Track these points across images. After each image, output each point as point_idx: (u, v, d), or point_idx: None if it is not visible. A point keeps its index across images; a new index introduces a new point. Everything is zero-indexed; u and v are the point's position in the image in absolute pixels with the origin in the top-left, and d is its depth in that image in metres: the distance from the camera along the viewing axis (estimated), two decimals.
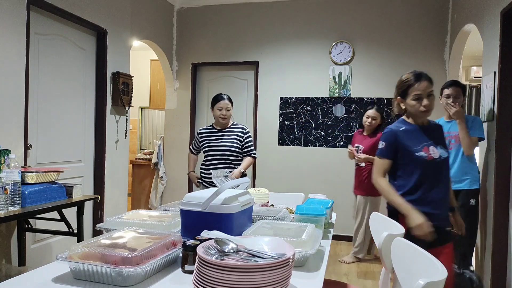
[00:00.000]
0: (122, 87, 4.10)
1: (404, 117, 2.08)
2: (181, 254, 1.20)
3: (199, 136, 3.27)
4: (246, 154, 3.21)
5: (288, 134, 5.02)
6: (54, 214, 2.78)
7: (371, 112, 3.85)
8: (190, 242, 1.18)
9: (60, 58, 3.45)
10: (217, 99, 3.17)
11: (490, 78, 3.02)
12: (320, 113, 4.91)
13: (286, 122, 5.03)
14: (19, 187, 2.30)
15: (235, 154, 3.17)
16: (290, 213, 1.90)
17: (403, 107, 2.04)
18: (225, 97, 3.17)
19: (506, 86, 2.83)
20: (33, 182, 2.49)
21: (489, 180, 2.99)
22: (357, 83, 4.80)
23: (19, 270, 2.64)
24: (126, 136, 4.28)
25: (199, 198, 1.38)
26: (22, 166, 2.81)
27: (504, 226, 2.81)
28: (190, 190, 5.15)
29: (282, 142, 5.05)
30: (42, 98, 3.27)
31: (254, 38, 5.11)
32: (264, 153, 5.06)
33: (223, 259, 1.02)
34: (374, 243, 3.93)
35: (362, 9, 4.75)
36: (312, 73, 4.92)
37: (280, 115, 5.05)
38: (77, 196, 2.80)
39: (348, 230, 4.17)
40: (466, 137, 2.79)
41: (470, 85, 5.82)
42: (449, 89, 2.87)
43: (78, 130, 3.70)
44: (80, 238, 2.86)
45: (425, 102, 1.95)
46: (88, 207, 3.78)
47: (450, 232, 2.00)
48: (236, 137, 3.18)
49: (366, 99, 4.76)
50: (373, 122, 3.84)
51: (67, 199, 2.71)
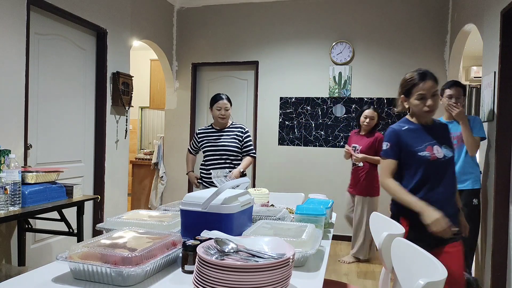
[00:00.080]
0: (122, 87, 4.10)
1: (407, 116, 2.05)
2: (181, 254, 1.20)
3: (198, 136, 3.27)
4: (245, 154, 3.20)
5: (288, 134, 5.02)
6: (54, 214, 2.78)
7: (369, 111, 3.85)
8: (190, 242, 1.18)
9: (60, 58, 3.45)
10: (215, 99, 3.17)
11: (490, 78, 3.02)
12: (320, 113, 4.91)
13: (286, 122, 5.03)
14: (19, 187, 2.30)
15: (235, 154, 3.16)
16: (290, 213, 1.90)
17: (407, 106, 2.00)
18: (223, 97, 3.17)
19: (506, 86, 2.83)
20: (33, 182, 2.49)
21: (489, 180, 2.99)
22: (357, 83, 4.80)
23: (19, 270, 2.64)
24: (126, 136, 4.28)
25: (199, 198, 1.38)
26: (22, 166, 2.81)
27: (504, 226, 2.81)
28: (190, 190, 5.15)
29: (282, 142, 5.05)
30: (42, 98, 3.27)
31: (254, 38, 5.12)
32: (264, 153, 5.06)
33: (223, 259, 1.02)
34: (371, 245, 3.95)
35: (362, 9, 4.75)
36: (312, 73, 4.92)
37: (280, 115, 5.05)
38: (77, 196, 2.80)
39: (348, 230, 4.17)
40: (471, 138, 2.76)
41: (470, 85, 5.82)
42: (451, 89, 2.85)
43: (78, 130, 3.70)
44: (80, 238, 2.86)
45: (429, 102, 1.90)
46: (88, 207, 3.78)
47: (457, 232, 1.93)
48: (235, 136, 3.18)
49: (366, 99, 4.76)
50: (371, 122, 3.84)
51: (67, 199, 2.71)
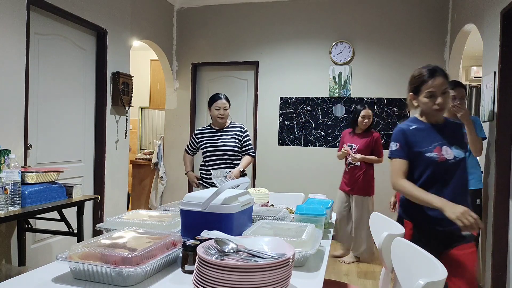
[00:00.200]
0: (122, 87, 4.10)
1: (417, 115, 1.95)
2: (181, 254, 1.20)
3: (197, 136, 3.26)
4: (244, 153, 3.21)
5: (288, 134, 5.02)
6: (54, 214, 2.78)
7: (366, 111, 3.87)
8: (190, 242, 1.18)
9: (60, 58, 3.45)
10: (214, 99, 3.17)
11: (490, 78, 3.02)
12: (320, 113, 4.91)
13: (286, 122, 5.03)
14: (19, 187, 2.30)
15: (235, 153, 3.17)
16: (290, 213, 1.90)
17: (416, 105, 1.91)
18: (222, 96, 3.17)
19: (506, 86, 2.83)
20: (33, 182, 2.49)
21: (489, 179, 2.99)
22: (357, 83, 4.80)
23: (19, 270, 2.64)
24: (126, 136, 4.28)
25: (199, 198, 1.38)
26: (22, 166, 2.81)
27: (504, 226, 2.81)
28: (190, 190, 5.15)
29: (282, 142, 5.05)
30: (42, 98, 3.27)
31: (254, 38, 5.11)
32: (264, 153, 5.06)
33: (223, 259, 1.02)
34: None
35: (362, 9, 4.75)
36: (312, 73, 4.92)
37: (280, 115, 5.05)
38: (77, 196, 2.80)
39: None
40: (476, 139, 2.73)
41: (470, 85, 5.82)
42: (454, 90, 2.80)
43: (78, 130, 3.70)
44: (80, 238, 2.86)
45: (439, 100, 1.80)
46: (88, 207, 3.78)
47: (467, 235, 1.80)
48: (235, 136, 3.18)
49: (366, 99, 4.75)
50: (368, 121, 3.88)
51: (67, 199, 2.71)
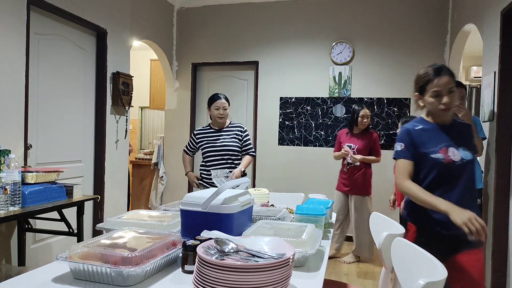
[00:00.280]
0: (122, 87, 4.10)
1: (423, 115, 1.91)
2: (181, 254, 1.20)
3: (197, 137, 3.26)
4: (245, 153, 3.21)
5: (288, 134, 5.02)
6: (54, 214, 2.78)
7: (365, 111, 3.87)
8: (190, 242, 1.18)
9: (60, 58, 3.45)
10: (213, 99, 3.17)
11: (490, 78, 3.02)
12: (320, 113, 4.91)
13: (286, 122, 5.03)
14: (19, 187, 2.30)
15: (236, 153, 3.17)
16: (290, 213, 1.90)
17: (422, 105, 1.86)
18: (221, 96, 3.17)
19: (506, 86, 2.83)
20: (33, 182, 2.49)
21: (489, 180, 2.99)
22: (357, 83, 4.80)
23: (19, 270, 2.64)
24: (126, 136, 4.28)
25: (199, 198, 1.38)
26: (22, 166, 2.81)
27: (504, 226, 2.81)
28: (190, 190, 5.14)
29: (282, 142, 5.05)
30: (42, 98, 3.27)
31: (254, 38, 5.11)
32: (264, 153, 5.06)
33: (223, 259, 1.02)
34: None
35: (362, 9, 4.75)
36: (312, 73, 4.92)
37: (280, 115, 5.05)
38: (77, 196, 2.80)
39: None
40: (478, 139, 2.72)
41: (470, 85, 5.83)
42: None
43: (78, 130, 3.70)
44: (80, 238, 2.86)
45: (445, 99, 1.75)
46: (88, 207, 3.78)
47: (474, 240, 1.69)
48: (235, 136, 3.18)
49: (366, 99, 4.75)
50: (367, 121, 3.90)
51: (67, 199, 2.71)
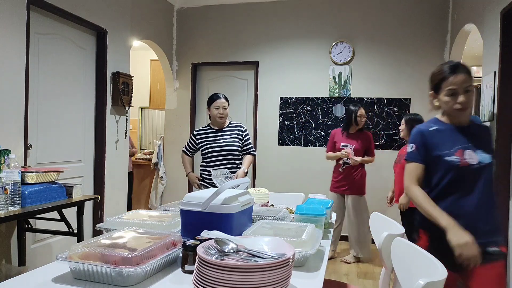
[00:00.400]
0: (122, 87, 4.10)
1: (438, 115, 1.81)
2: (181, 254, 1.20)
3: (196, 137, 3.24)
4: (245, 152, 3.21)
5: (288, 134, 5.02)
6: (54, 214, 2.78)
7: (362, 111, 3.91)
8: (190, 242, 1.18)
9: (60, 58, 3.45)
10: (213, 99, 3.17)
11: (490, 78, 3.02)
12: (320, 113, 4.91)
13: (286, 122, 5.03)
14: (19, 187, 2.30)
15: (237, 153, 3.17)
16: (290, 213, 1.90)
17: (436, 104, 1.76)
18: (221, 96, 3.17)
19: (506, 86, 2.83)
20: (33, 182, 2.49)
21: None
22: (357, 83, 4.80)
23: (19, 270, 2.64)
24: (126, 136, 4.28)
25: (199, 198, 1.38)
26: (22, 166, 2.81)
27: (504, 226, 2.81)
28: (190, 190, 5.14)
29: (282, 142, 5.05)
30: (42, 98, 3.27)
31: (254, 38, 5.12)
32: (264, 153, 5.06)
33: (223, 259, 1.02)
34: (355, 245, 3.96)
35: (362, 8, 4.75)
36: (312, 73, 4.92)
37: (280, 115, 5.05)
38: (77, 196, 2.80)
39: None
40: None
41: None
42: None
43: (78, 130, 3.70)
44: (80, 238, 2.86)
45: (460, 98, 1.65)
46: (88, 207, 3.78)
47: (493, 252, 1.63)
48: (236, 136, 3.18)
49: (366, 99, 4.75)
50: (364, 120, 3.94)
51: (67, 199, 2.71)
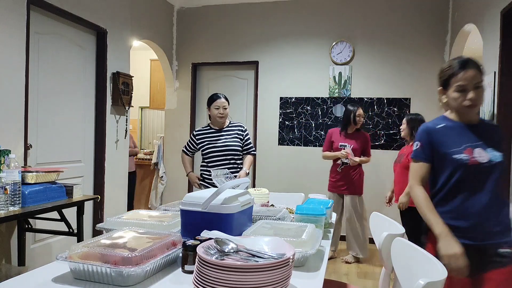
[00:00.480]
0: (122, 87, 4.10)
1: (446, 113, 1.75)
2: (181, 254, 1.20)
3: (197, 137, 3.24)
4: (246, 152, 3.21)
5: (288, 134, 5.02)
6: (54, 214, 2.78)
7: (361, 111, 3.93)
8: (190, 242, 1.18)
9: (60, 58, 3.45)
10: (213, 98, 3.17)
11: (490, 78, 3.02)
12: (320, 113, 4.91)
13: (286, 122, 5.03)
14: (19, 187, 2.30)
15: (238, 153, 3.17)
16: (290, 213, 1.90)
17: (445, 100, 1.70)
18: (221, 96, 3.17)
19: (506, 86, 2.83)
20: (33, 182, 2.49)
21: None
22: (357, 83, 4.80)
23: (19, 270, 2.64)
24: (126, 136, 4.28)
25: (199, 198, 1.38)
26: (22, 166, 2.81)
27: None
28: (190, 190, 5.14)
29: (282, 142, 5.05)
30: (42, 97, 3.27)
31: (254, 38, 5.12)
32: (264, 153, 5.06)
33: (223, 259, 1.02)
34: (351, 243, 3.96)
35: (362, 8, 4.75)
36: (312, 73, 4.93)
37: (280, 115, 5.05)
38: (77, 196, 2.80)
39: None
40: None
41: None
42: None
43: (78, 130, 3.70)
44: (80, 238, 2.86)
45: (470, 95, 1.58)
46: (88, 207, 3.78)
47: (505, 254, 1.56)
48: (236, 136, 3.18)
49: (366, 99, 4.75)
50: (363, 120, 3.97)
51: (67, 199, 2.71)
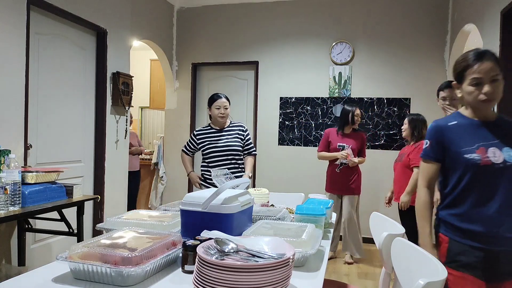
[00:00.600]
0: (122, 87, 4.10)
1: (461, 109, 1.65)
2: (181, 254, 1.20)
3: (197, 137, 3.23)
4: (247, 153, 3.21)
5: (288, 134, 5.02)
6: (54, 214, 2.78)
7: (359, 111, 3.93)
8: (190, 242, 1.18)
9: (60, 58, 3.45)
10: (214, 98, 3.17)
11: None
12: (320, 113, 4.92)
13: (286, 122, 5.03)
14: (19, 187, 2.30)
15: (239, 153, 3.17)
16: (290, 213, 1.90)
17: (459, 95, 1.59)
18: (222, 96, 3.17)
19: (506, 86, 2.82)
20: (33, 182, 2.49)
21: None
22: (357, 83, 4.80)
23: (19, 270, 2.64)
24: (126, 136, 4.28)
25: (199, 198, 1.38)
26: (22, 166, 2.81)
27: None
28: (190, 190, 5.14)
29: (282, 142, 5.05)
30: (42, 98, 3.27)
31: (254, 38, 5.12)
32: (264, 153, 5.06)
33: (223, 259, 1.02)
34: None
35: (362, 9, 4.75)
36: (312, 73, 4.93)
37: (280, 115, 5.05)
38: (77, 196, 2.80)
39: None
40: None
41: None
42: (444, 91, 2.78)
43: (78, 130, 3.70)
44: (80, 238, 2.86)
45: (486, 88, 1.48)
46: (88, 207, 3.78)
47: None
48: (237, 136, 3.18)
49: (366, 99, 4.76)
50: (360, 120, 3.97)
51: (67, 199, 2.71)
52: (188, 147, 3.31)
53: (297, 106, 4.98)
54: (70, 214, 2.88)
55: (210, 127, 3.24)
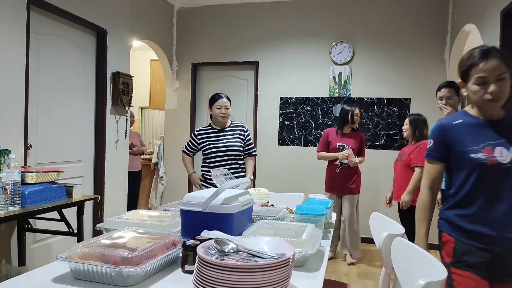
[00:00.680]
0: (122, 87, 4.10)
1: (467, 107, 1.61)
2: (181, 254, 1.20)
3: (198, 137, 3.23)
4: (247, 153, 3.21)
5: (288, 134, 5.02)
6: (54, 214, 2.78)
7: (358, 110, 3.94)
8: (190, 242, 1.18)
9: (60, 58, 3.45)
10: (215, 98, 3.17)
11: None
12: (320, 113, 4.92)
13: (286, 122, 5.03)
14: (19, 187, 2.30)
15: (240, 153, 3.17)
16: (290, 213, 1.90)
17: (465, 94, 1.55)
18: (223, 95, 3.17)
19: None
20: (33, 182, 2.49)
21: None
22: (357, 83, 4.80)
23: (19, 270, 2.64)
24: (126, 136, 4.28)
25: (199, 198, 1.38)
26: (22, 166, 2.81)
27: None
28: (190, 190, 5.15)
29: (282, 142, 5.05)
30: (42, 98, 3.27)
31: (254, 38, 5.12)
32: (264, 153, 5.06)
33: (223, 259, 1.02)
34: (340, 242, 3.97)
35: (362, 9, 4.75)
36: (312, 73, 4.93)
37: (280, 115, 5.05)
38: (77, 196, 2.80)
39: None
40: None
41: None
42: (441, 91, 2.81)
43: (78, 130, 3.70)
44: (80, 238, 2.86)
45: (492, 87, 1.44)
46: (88, 207, 3.78)
47: None
48: (238, 136, 3.18)
49: (366, 99, 4.76)
50: (359, 119, 3.99)
51: (67, 199, 2.71)
52: (188, 147, 3.31)
53: (297, 106, 4.99)
54: (70, 214, 2.88)
55: (211, 127, 3.24)
